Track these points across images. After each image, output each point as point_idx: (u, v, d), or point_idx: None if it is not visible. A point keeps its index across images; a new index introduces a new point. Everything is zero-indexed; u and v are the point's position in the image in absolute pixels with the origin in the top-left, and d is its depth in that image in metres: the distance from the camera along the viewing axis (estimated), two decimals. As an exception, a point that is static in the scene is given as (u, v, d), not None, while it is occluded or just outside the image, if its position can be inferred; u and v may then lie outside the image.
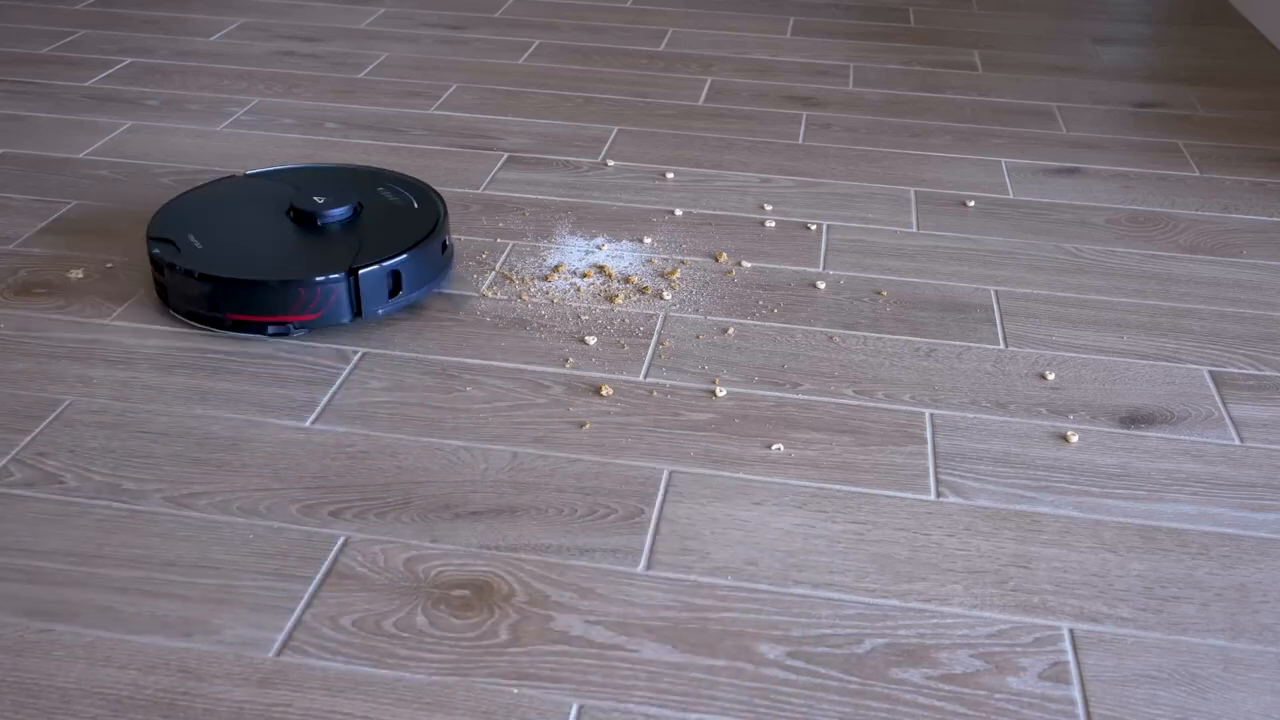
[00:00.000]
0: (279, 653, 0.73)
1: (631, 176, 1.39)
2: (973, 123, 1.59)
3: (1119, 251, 1.26)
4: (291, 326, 1.04)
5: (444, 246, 1.12)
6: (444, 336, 1.07)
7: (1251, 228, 1.32)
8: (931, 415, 0.98)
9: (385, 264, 1.05)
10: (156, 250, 1.06)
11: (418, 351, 1.04)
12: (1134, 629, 0.78)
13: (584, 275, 1.17)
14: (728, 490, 0.89)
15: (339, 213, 1.12)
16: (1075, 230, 1.30)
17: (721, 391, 1.00)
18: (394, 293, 1.07)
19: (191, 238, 1.08)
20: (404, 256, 1.06)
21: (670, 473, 0.90)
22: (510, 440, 0.93)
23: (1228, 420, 0.99)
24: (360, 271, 1.04)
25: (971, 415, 0.98)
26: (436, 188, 1.34)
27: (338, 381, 1.00)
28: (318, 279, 1.03)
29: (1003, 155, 1.49)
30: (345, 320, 1.05)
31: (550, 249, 1.22)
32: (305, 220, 1.12)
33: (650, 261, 1.20)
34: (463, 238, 1.24)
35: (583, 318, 1.10)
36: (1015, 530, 0.86)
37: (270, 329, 1.04)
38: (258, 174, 1.21)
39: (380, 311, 1.07)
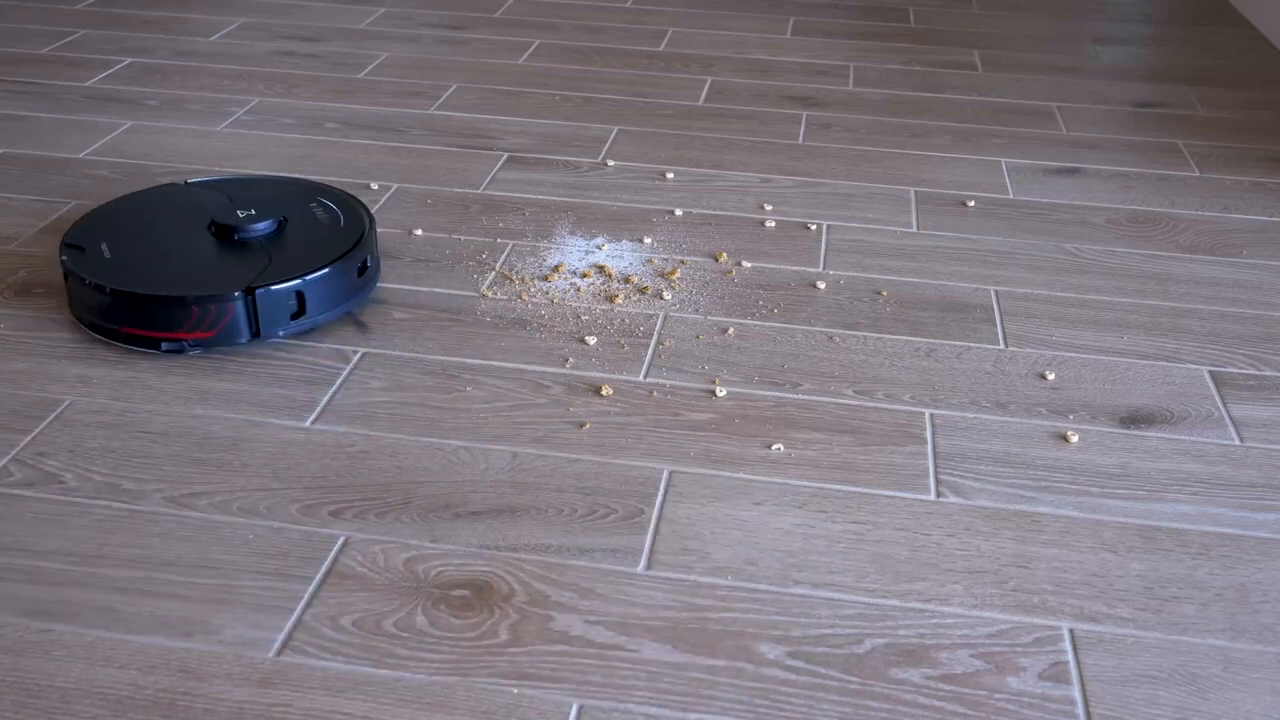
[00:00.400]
0: (279, 653, 0.73)
1: (631, 176, 1.39)
2: (973, 123, 1.59)
3: (1119, 251, 1.26)
4: (186, 344, 1.01)
5: (363, 267, 1.08)
6: (444, 336, 1.07)
7: (1251, 228, 1.32)
8: (931, 415, 0.98)
9: (288, 284, 1.01)
10: (64, 257, 1.04)
11: (418, 351, 1.04)
12: (1134, 629, 0.78)
13: (584, 275, 1.17)
14: (728, 490, 0.89)
15: (260, 228, 1.08)
16: (1075, 230, 1.30)
17: (721, 391, 1.00)
18: (297, 315, 1.03)
19: (104, 246, 1.05)
20: (309, 277, 1.02)
21: (670, 473, 0.90)
22: (510, 440, 0.93)
23: (1228, 420, 0.99)
24: (258, 290, 1.00)
25: (971, 415, 0.98)
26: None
27: (338, 381, 1.00)
28: (212, 297, 0.99)
29: (1003, 155, 1.49)
30: (242, 340, 1.02)
31: (550, 249, 1.22)
32: (224, 234, 1.08)
33: (650, 261, 1.20)
34: (462, 237, 1.24)
35: (583, 318, 1.10)
36: (1015, 530, 0.86)
37: (164, 345, 1.01)
38: (197, 183, 1.18)
39: (280, 333, 1.03)
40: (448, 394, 0.99)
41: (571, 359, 1.04)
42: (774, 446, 0.94)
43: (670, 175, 1.40)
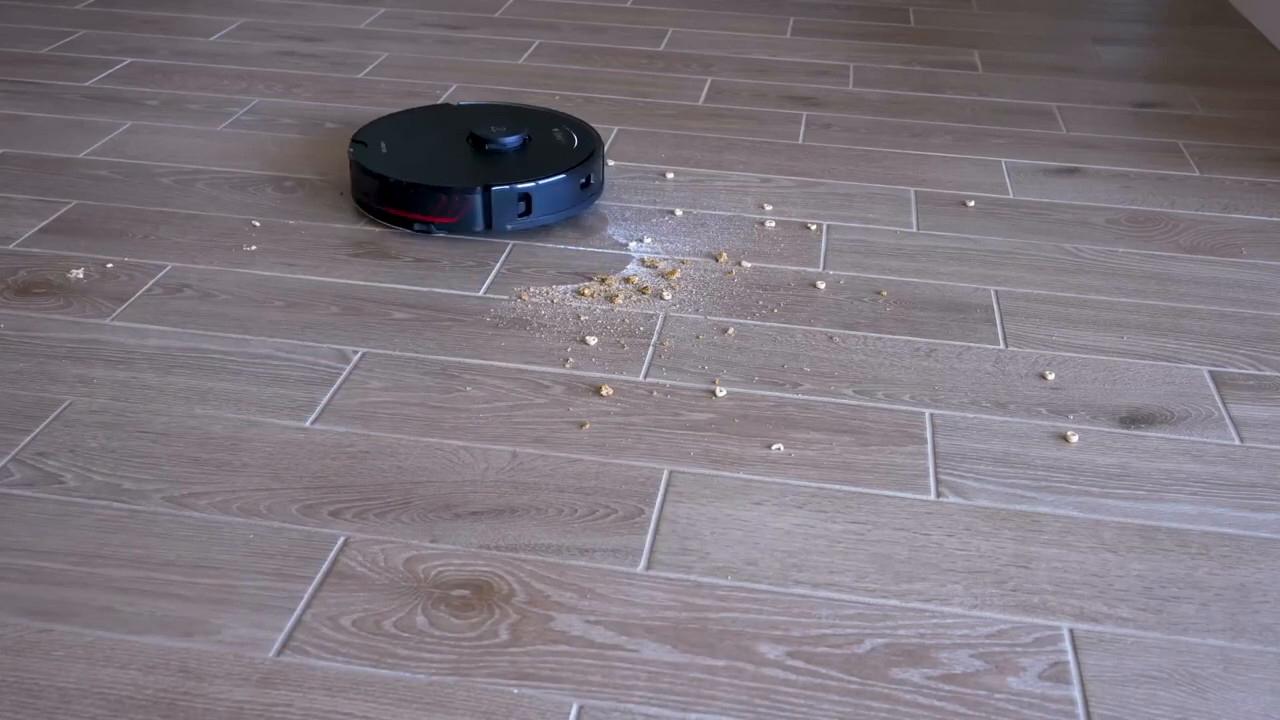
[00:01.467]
0: (279, 653, 0.73)
1: (631, 176, 1.39)
2: (973, 123, 1.59)
3: (1119, 251, 1.26)
4: (433, 226, 1.22)
5: (586, 182, 1.27)
6: (444, 336, 1.07)
7: (1251, 228, 1.32)
8: (931, 415, 0.98)
9: (517, 185, 1.21)
10: (352, 149, 1.28)
11: (418, 351, 1.04)
12: (1134, 629, 0.78)
13: (584, 275, 1.17)
14: (728, 490, 0.89)
15: (509, 141, 1.29)
16: (1075, 230, 1.30)
17: (721, 391, 1.00)
18: (525, 213, 1.22)
19: (382, 144, 1.29)
20: (536, 182, 1.22)
21: (670, 473, 0.90)
22: (510, 440, 0.93)
23: (1228, 420, 0.99)
24: (493, 188, 1.20)
25: (971, 415, 0.98)
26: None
27: (338, 381, 1.00)
28: (456, 188, 1.20)
29: (1003, 155, 1.49)
30: (478, 229, 1.23)
31: (550, 249, 1.22)
32: (479, 144, 1.30)
33: (650, 261, 1.20)
34: (464, 238, 1.24)
35: (583, 318, 1.10)
36: (1015, 530, 0.86)
37: (416, 225, 1.23)
38: (462, 106, 1.42)
39: (509, 227, 1.23)
40: (448, 394, 0.99)
41: (571, 359, 1.04)
42: (774, 446, 0.94)
43: (670, 175, 1.40)
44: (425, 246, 1.22)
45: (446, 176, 1.23)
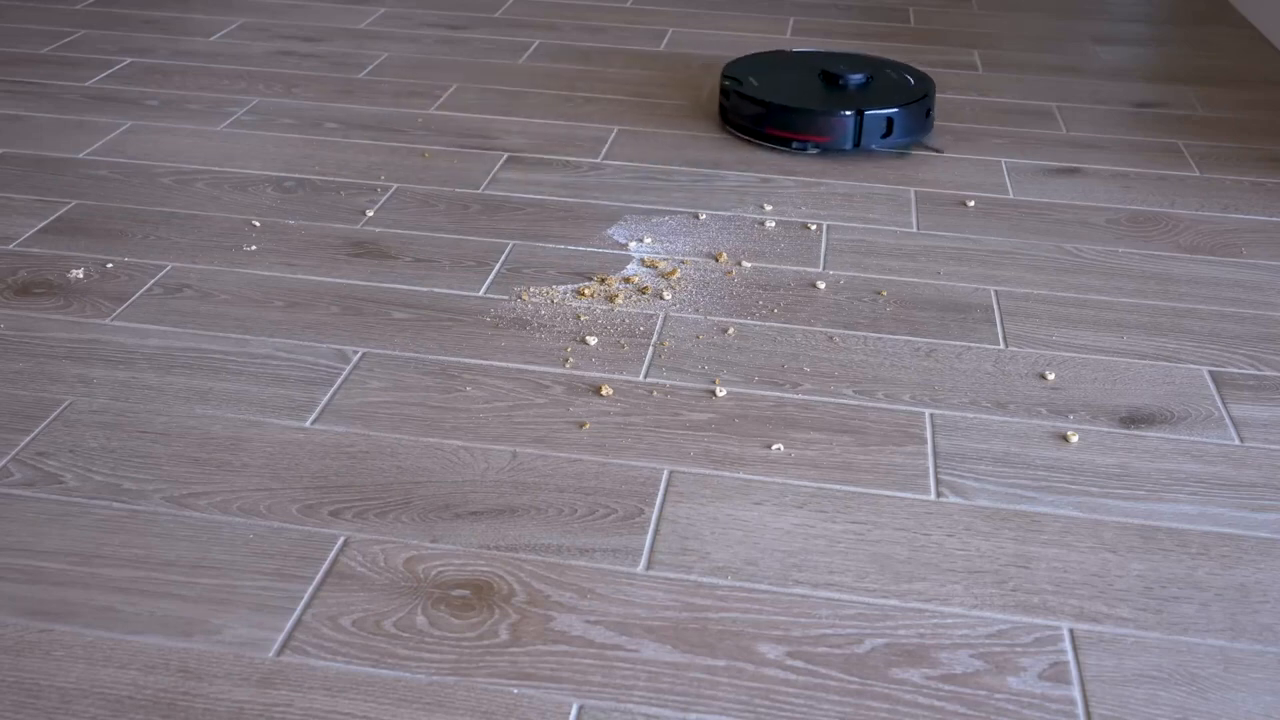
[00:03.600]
0: (279, 653, 0.73)
1: (631, 176, 1.39)
2: (973, 123, 1.59)
3: (1119, 251, 1.26)
4: (810, 145, 1.44)
5: (928, 113, 1.48)
6: (444, 336, 1.07)
7: (1251, 228, 1.32)
8: (931, 415, 0.98)
9: (883, 110, 1.44)
10: (727, 82, 1.51)
11: (418, 351, 1.04)
12: (1134, 629, 0.78)
13: (584, 275, 1.17)
14: (728, 490, 0.89)
15: (856, 78, 1.52)
16: (1075, 230, 1.30)
17: (721, 391, 1.00)
18: (886, 134, 1.45)
19: (751, 79, 1.52)
20: (897, 109, 1.45)
21: (670, 473, 0.90)
22: (510, 440, 0.93)
23: (1228, 420, 0.99)
24: (866, 112, 1.44)
25: (971, 415, 0.98)
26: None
27: (338, 381, 1.00)
28: (836, 111, 1.44)
29: (1003, 155, 1.49)
30: (847, 148, 1.45)
31: (550, 249, 1.22)
32: (831, 81, 1.53)
33: (650, 261, 1.20)
34: (463, 238, 1.24)
35: (583, 318, 1.10)
36: (1015, 530, 0.86)
37: (794, 144, 1.45)
38: (802, 50, 1.66)
39: (874, 146, 1.45)
40: (448, 394, 0.99)
41: (571, 359, 1.04)
42: (774, 446, 0.94)
43: (670, 175, 1.40)
44: (425, 246, 1.22)
45: (820, 103, 1.46)
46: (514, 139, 1.48)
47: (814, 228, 1.29)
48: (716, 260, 1.21)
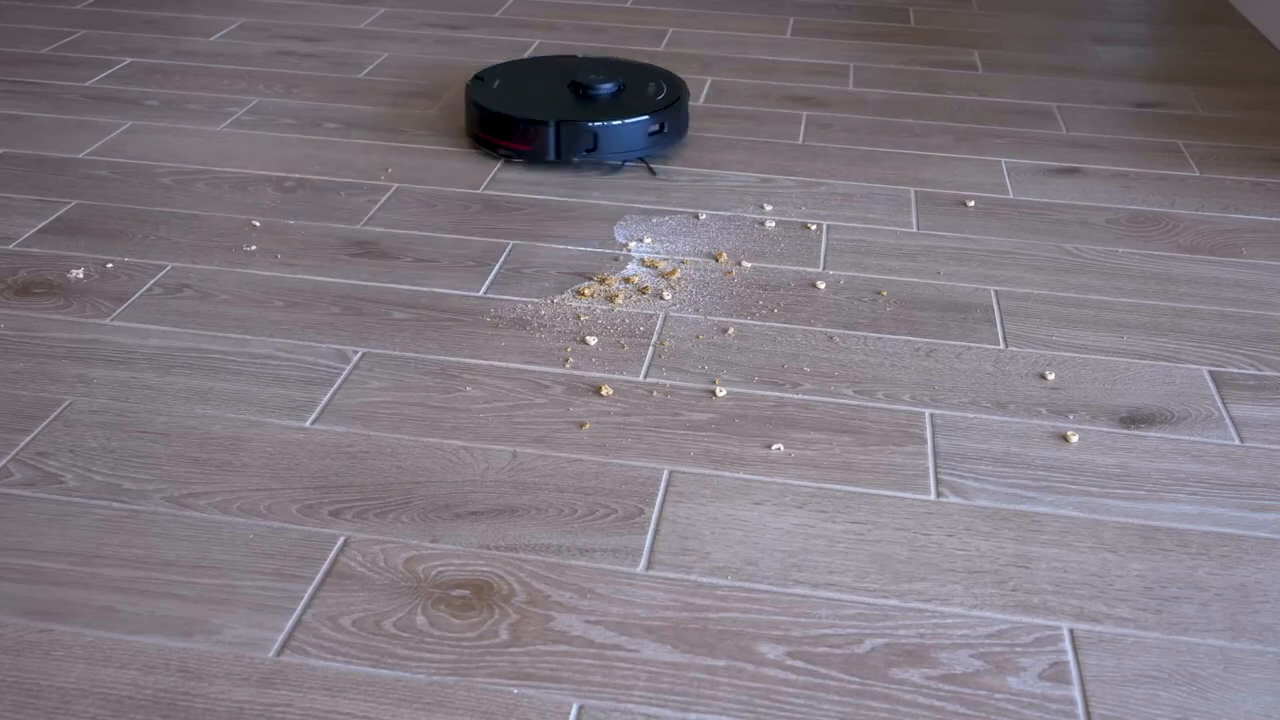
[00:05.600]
0: (279, 653, 0.73)
1: (632, 177, 1.39)
2: (973, 123, 1.59)
3: (1119, 251, 1.26)
4: (512, 153, 1.39)
5: (661, 128, 1.40)
6: (444, 336, 1.07)
7: (1251, 228, 1.32)
8: (931, 415, 0.98)
9: (586, 124, 1.36)
10: (469, 83, 1.45)
11: (418, 351, 1.04)
12: (1134, 629, 0.78)
13: (584, 275, 1.17)
14: (728, 490, 0.89)
15: (604, 88, 1.43)
16: (1075, 230, 1.30)
17: (721, 391, 1.00)
18: (591, 149, 1.37)
19: (497, 82, 1.46)
20: (603, 123, 1.36)
21: (670, 473, 0.90)
22: (510, 440, 0.93)
23: (1228, 420, 0.99)
24: (561, 124, 1.36)
25: (971, 415, 0.98)
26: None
27: (338, 381, 1.00)
28: (531, 119, 1.36)
29: (1003, 155, 1.49)
30: (550, 158, 1.38)
31: (550, 249, 1.22)
32: (577, 90, 1.45)
33: (650, 261, 1.20)
34: (463, 238, 1.24)
35: (583, 318, 1.10)
36: (1015, 530, 0.86)
37: (500, 150, 1.40)
38: (581, 57, 1.57)
39: (575, 160, 1.38)
40: (448, 394, 0.99)
41: (571, 359, 1.04)
42: (774, 446, 0.94)
43: (670, 175, 1.40)
44: (425, 246, 1.22)
45: (536, 113, 1.39)
46: (514, 139, 1.48)
47: (814, 228, 1.29)
48: (716, 260, 1.21)
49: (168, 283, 1.13)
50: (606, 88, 1.43)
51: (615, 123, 1.36)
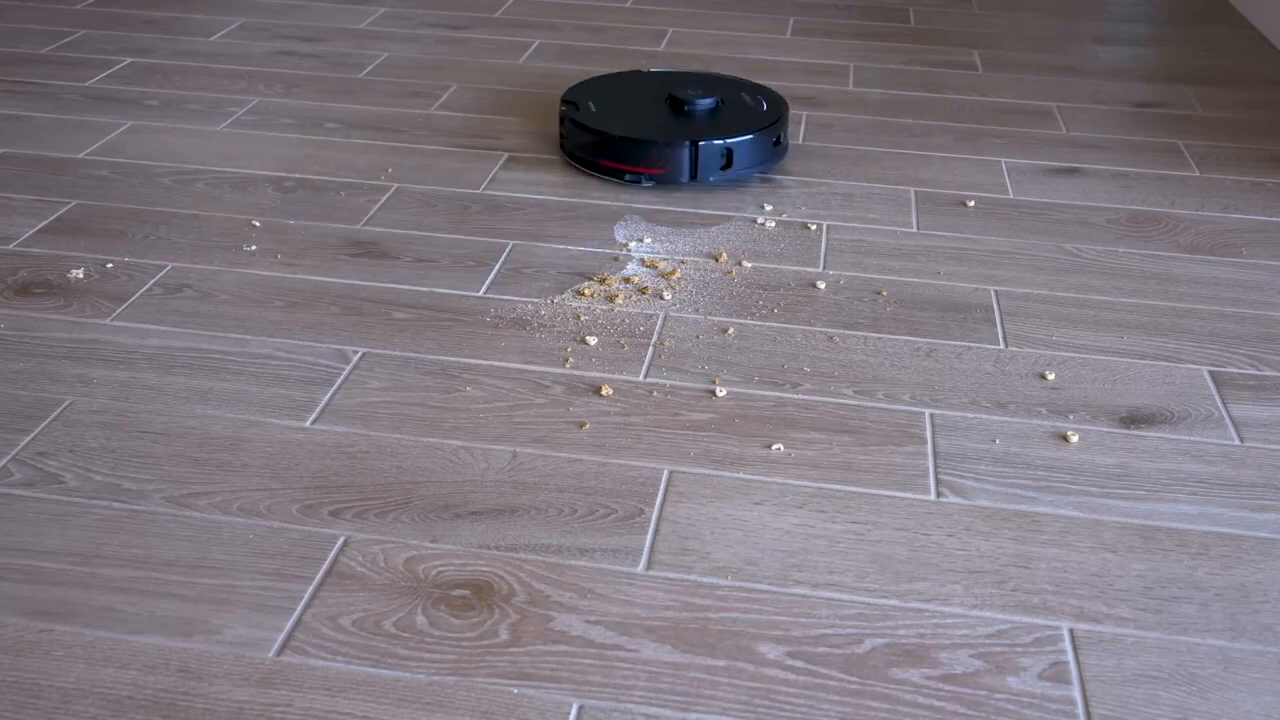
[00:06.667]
0: (279, 653, 0.73)
1: (632, 176, 1.39)
2: (973, 123, 1.59)
3: (1119, 251, 1.26)
4: (643, 177, 1.35)
5: (777, 140, 1.39)
6: (444, 336, 1.07)
7: (1251, 228, 1.32)
8: (931, 415, 0.98)
9: (721, 141, 1.34)
10: (564, 108, 1.40)
11: (418, 351, 1.04)
12: (1134, 629, 0.78)
13: (584, 275, 1.17)
14: (728, 490, 0.89)
15: (705, 103, 1.42)
16: (1075, 230, 1.30)
17: (721, 391, 1.00)
18: (726, 166, 1.35)
19: (590, 104, 1.42)
20: (737, 139, 1.35)
21: (670, 473, 0.90)
22: (510, 440, 0.93)
23: (1228, 420, 0.99)
24: (700, 143, 1.33)
25: (971, 415, 0.98)
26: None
27: (338, 381, 1.00)
28: (666, 141, 1.33)
29: (1003, 155, 1.49)
30: (683, 180, 1.35)
31: (550, 249, 1.22)
32: (677, 105, 1.43)
33: (650, 261, 1.20)
34: (463, 238, 1.24)
35: (583, 318, 1.10)
36: (1015, 530, 0.86)
37: (627, 176, 1.35)
38: (655, 70, 1.55)
39: (711, 179, 1.35)
40: (448, 394, 0.99)
41: (571, 359, 1.04)
42: (774, 446, 0.94)
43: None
44: (425, 246, 1.22)
45: (660, 133, 1.37)
46: (514, 139, 1.48)
47: (814, 228, 1.29)
48: (716, 260, 1.21)
49: (168, 283, 1.13)
50: (705, 103, 1.42)
51: (747, 138, 1.36)
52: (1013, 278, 1.20)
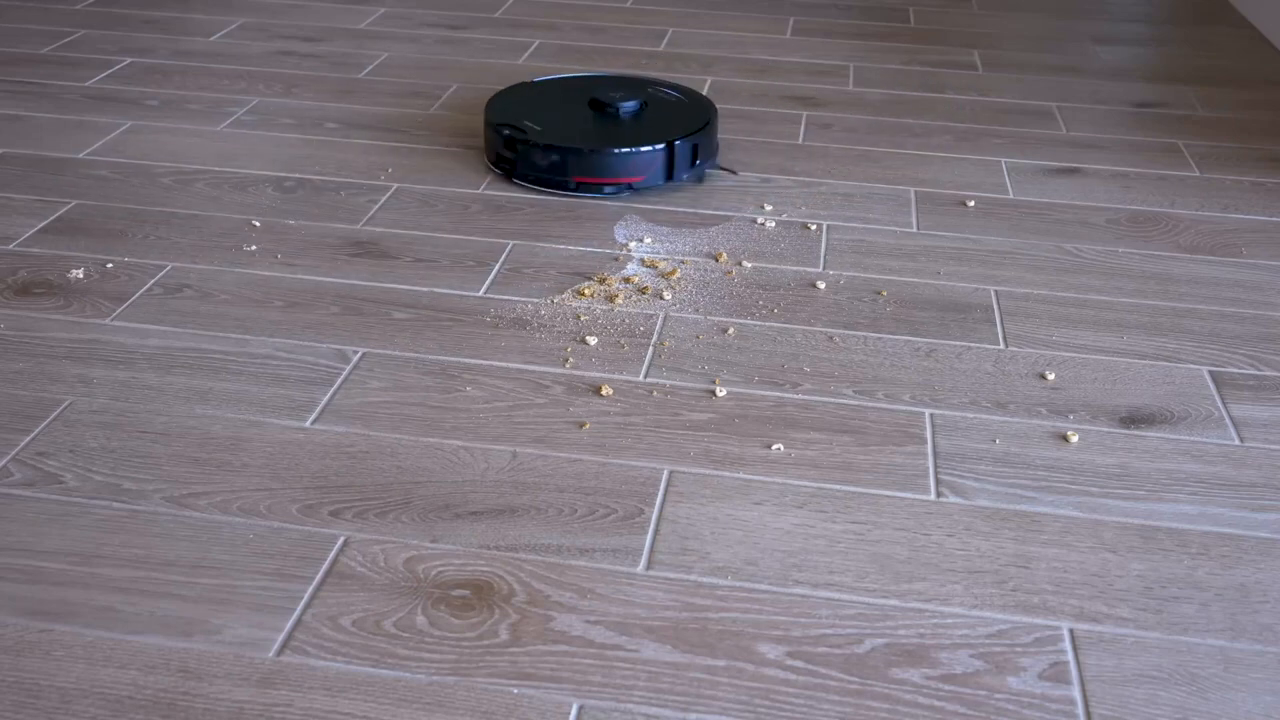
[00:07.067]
0: (279, 653, 0.73)
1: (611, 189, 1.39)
2: (973, 123, 1.59)
3: (1119, 251, 1.26)
4: (625, 187, 1.32)
5: (705, 125, 1.38)
6: (444, 336, 1.07)
7: (1251, 228, 1.32)
8: (931, 415, 0.98)
9: (688, 138, 1.33)
10: (507, 132, 1.33)
11: (418, 351, 1.04)
12: (1134, 629, 0.78)
13: (584, 275, 1.17)
14: (728, 490, 0.89)
15: (630, 105, 1.40)
16: (1075, 230, 1.30)
17: (721, 391, 1.00)
18: (692, 162, 1.34)
19: (528, 123, 1.35)
20: (698, 134, 1.34)
21: (670, 473, 0.90)
22: (510, 440, 0.93)
23: (1228, 420, 0.99)
24: (675, 143, 1.32)
25: (971, 415, 0.98)
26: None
27: (338, 381, 1.00)
28: (645, 148, 1.30)
29: (1003, 155, 1.49)
30: (659, 183, 1.33)
31: (550, 249, 1.22)
32: (601, 109, 1.40)
33: (650, 261, 1.20)
34: (463, 238, 1.24)
35: (583, 318, 1.10)
36: (1015, 530, 0.86)
37: (607, 189, 1.31)
38: (548, 79, 1.50)
39: (684, 176, 1.34)
40: (448, 394, 0.99)
41: (571, 359, 1.04)
42: (774, 446, 0.94)
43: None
44: (425, 246, 1.22)
45: (624, 141, 1.33)
46: (514, 139, 1.48)
47: (814, 228, 1.29)
48: (716, 260, 1.21)
49: (168, 283, 1.13)
50: (630, 105, 1.39)
51: (701, 131, 1.35)
52: (1013, 278, 1.20)
